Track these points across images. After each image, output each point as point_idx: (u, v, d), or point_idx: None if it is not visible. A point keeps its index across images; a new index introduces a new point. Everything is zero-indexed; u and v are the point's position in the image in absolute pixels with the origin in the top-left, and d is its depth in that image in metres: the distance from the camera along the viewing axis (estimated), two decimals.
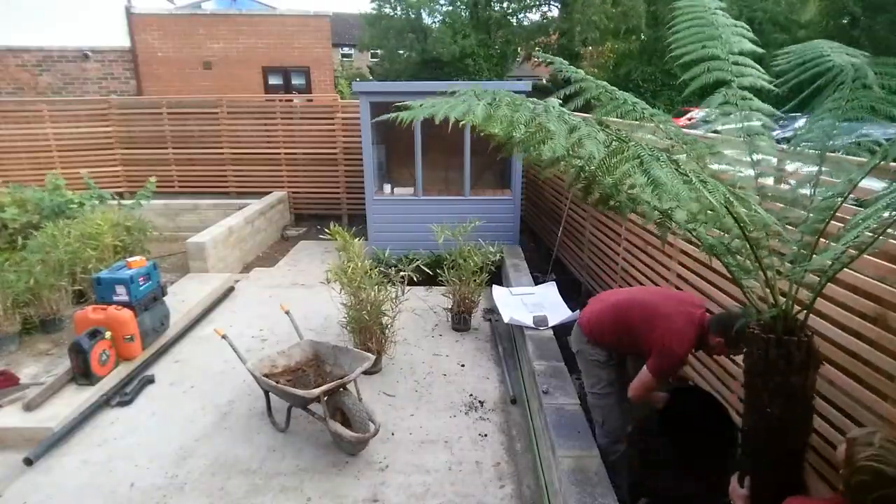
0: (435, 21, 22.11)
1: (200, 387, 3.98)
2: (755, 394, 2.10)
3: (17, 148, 8.48)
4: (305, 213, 8.87)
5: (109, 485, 3.01)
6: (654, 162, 1.70)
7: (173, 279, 5.92)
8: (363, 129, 6.13)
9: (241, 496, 2.92)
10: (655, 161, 1.71)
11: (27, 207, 5.80)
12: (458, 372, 4.18)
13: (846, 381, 2.28)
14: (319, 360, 3.61)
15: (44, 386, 3.65)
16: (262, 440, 3.37)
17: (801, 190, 2.31)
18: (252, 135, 8.60)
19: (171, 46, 11.53)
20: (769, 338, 2.01)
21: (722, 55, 2.36)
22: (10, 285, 4.50)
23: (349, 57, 35.57)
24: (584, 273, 5.52)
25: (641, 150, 1.78)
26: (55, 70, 11.12)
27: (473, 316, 4.96)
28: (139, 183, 7.87)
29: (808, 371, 2.01)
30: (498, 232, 5.90)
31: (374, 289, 4.02)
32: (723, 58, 2.36)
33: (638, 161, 1.74)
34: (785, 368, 1.98)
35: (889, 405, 2.07)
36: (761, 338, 2.03)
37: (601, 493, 2.44)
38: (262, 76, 12.02)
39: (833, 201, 2.02)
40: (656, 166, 1.68)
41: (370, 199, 6.36)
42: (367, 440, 3.15)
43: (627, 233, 4.46)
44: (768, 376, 2.02)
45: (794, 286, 2.03)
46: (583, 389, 3.72)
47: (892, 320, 2.08)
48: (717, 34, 2.40)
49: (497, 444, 3.34)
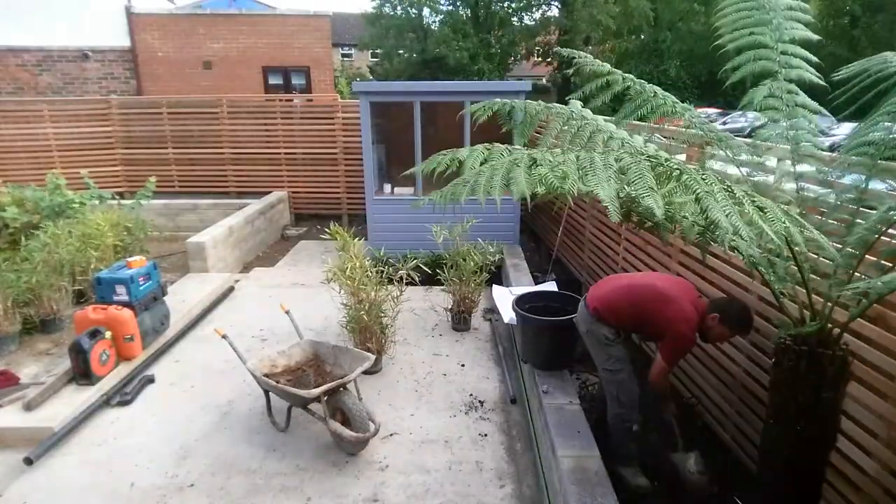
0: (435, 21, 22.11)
1: (200, 387, 3.98)
2: (781, 407, 2.04)
3: (17, 148, 8.49)
4: (305, 212, 8.87)
5: (109, 485, 3.01)
6: (710, 199, 1.57)
7: (173, 279, 5.92)
8: (363, 128, 6.13)
9: (241, 496, 2.92)
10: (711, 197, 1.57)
11: (27, 207, 5.81)
12: (458, 372, 4.18)
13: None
14: (319, 360, 3.61)
15: (44, 386, 3.65)
16: (262, 440, 3.37)
17: (846, 195, 2.16)
18: (252, 135, 8.60)
19: (171, 46, 11.52)
20: (802, 350, 1.93)
21: (770, 43, 2.14)
22: (10, 285, 4.50)
23: (349, 57, 35.59)
24: (584, 273, 5.52)
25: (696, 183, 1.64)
26: (55, 70, 11.11)
27: (473, 316, 4.95)
28: (139, 183, 7.87)
29: (840, 387, 1.94)
30: (498, 232, 5.89)
31: (374, 289, 4.02)
32: (771, 46, 2.15)
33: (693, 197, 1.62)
34: (816, 382, 1.90)
35: None
36: (793, 349, 1.95)
37: (601, 493, 2.44)
38: (263, 76, 12.01)
39: (887, 215, 1.89)
40: (713, 204, 1.55)
41: (370, 199, 6.36)
42: (367, 440, 3.15)
43: (627, 232, 4.46)
44: (797, 389, 1.95)
45: (828, 301, 1.94)
46: (583, 389, 3.73)
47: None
48: (767, 19, 2.17)
49: (497, 444, 3.34)
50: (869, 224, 1.99)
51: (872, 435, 2.15)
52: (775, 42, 2.15)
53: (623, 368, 2.97)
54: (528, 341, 3.68)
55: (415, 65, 21.49)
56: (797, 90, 2.18)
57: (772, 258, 2.16)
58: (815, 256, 2.22)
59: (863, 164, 2.11)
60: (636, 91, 2.27)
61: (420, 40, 21.41)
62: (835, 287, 1.94)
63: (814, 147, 2.24)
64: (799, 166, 2.29)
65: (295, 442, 3.35)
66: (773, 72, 2.15)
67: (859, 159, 2.12)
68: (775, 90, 2.16)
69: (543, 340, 3.56)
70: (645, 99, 2.26)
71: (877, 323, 2.14)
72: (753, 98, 2.21)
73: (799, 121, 2.19)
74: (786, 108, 2.18)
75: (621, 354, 2.98)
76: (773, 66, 2.15)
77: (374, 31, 22.80)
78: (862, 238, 1.99)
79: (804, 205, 2.31)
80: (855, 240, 2.01)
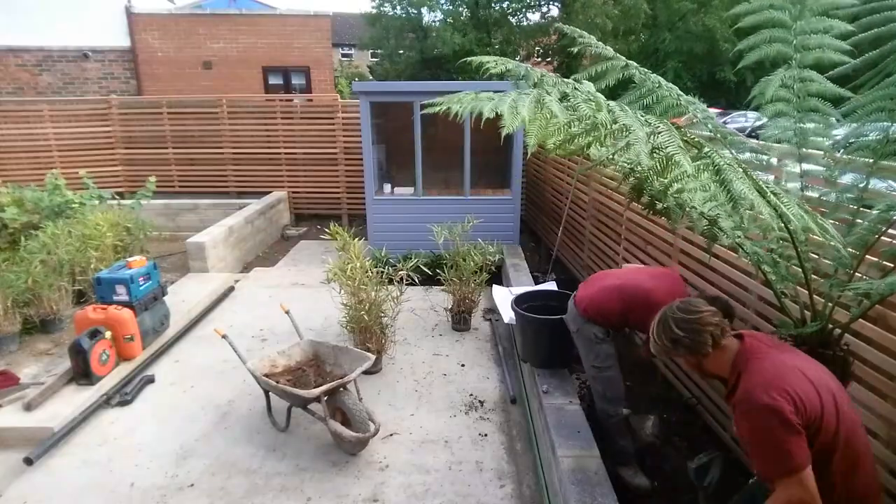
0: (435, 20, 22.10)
1: (200, 387, 3.98)
2: None
3: (18, 148, 8.49)
4: (305, 212, 8.87)
5: (109, 485, 3.01)
6: (733, 173, 1.50)
7: (173, 279, 5.92)
8: (363, 128, 6.13)
9: (241, 496, 2.92)
10: (734, 172, 1.50)
11: (26, 207, 5.81)
12: (458, 372, 4.18)
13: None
14: (319, 360, 3.61)
15: (44, 386, 3.65)
16: (262, 440, 3.37)
17: (847, 194, 2.09)
18: (252, 134, 8.60)
19: (171, 46, 11.51)
20: (803, 350, 1.90)
21: (788, 21, 1.91)
22: (10, 285, 4.50)
23: (349, 57, 35.59)
24: (584, 273, 5.52)
25: (719, 157, 1.56)
26: (55, 70, 11.11)
27: (473, 316, 4.95)
28: (139, 183, 7.88)
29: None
30: (498, 232, 5.89)
31: (374, 289, 4.02)
32: (789, 24, 1.91)
33: (715, 170, 1.52)
34: None
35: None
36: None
37: (601, 493, 2.44)
38: (263, 76, 12.00)
39: (887, 215, 1.85)
40: (735, 178, 1.48)
41: (370, 199, 6.35)
42: (367, 440, 3.15)
43: (627, 232, 4.46)
44: None
45: (828, 302, 1.90)
46: (583, 389, 3.73)
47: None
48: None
49: (497, 444, 3.34)
50: (868, 224, 1.97)
51: (873, 435, 2.15)
52: (794, 19, 1.91)
53: (612, 366, 2.99)
54: (526, 340, 3.68)
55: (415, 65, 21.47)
56: (812, 76, 1.96)
57: (776, 256, 2.14)
58: (816, 257, 2.21)
59: (862, 165, 2.08)
60: (640, 80, 2.15)
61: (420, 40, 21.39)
62: (836, 287, 1.92)
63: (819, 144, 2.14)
64: (804, 165, 2.25)
65: (295, 442, 3.35)
66: (788, 57, 1.94)
67: (858, 159, 2.07)
68: (787, 80, 1.97)
69: (542, 339, 3.56)
70: (649, 89, 2.15)
71: (877, 323, 2.14)
72: (764, 91, 2.04)
73: (807, 115, 2.03)
74: (796, 99, 2.00)
75: (610, 352, 3.00)
76: (788, 51, 1.93)
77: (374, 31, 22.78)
78: (862, 238, 1.98)
79: (807, 205, 2.29)
80: (854, 239, 1.99)
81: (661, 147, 1.55)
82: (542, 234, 7.26)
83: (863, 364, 2.19)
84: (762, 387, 1.62)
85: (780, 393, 1.59)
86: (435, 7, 21.78)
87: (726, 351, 1.83)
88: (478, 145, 6.10)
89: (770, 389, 1.60)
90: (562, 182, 6.32)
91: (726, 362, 1.83)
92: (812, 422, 1.59)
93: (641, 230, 4.17)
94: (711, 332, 1.80)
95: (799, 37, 1.92)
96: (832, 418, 1.61)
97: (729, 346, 1.84)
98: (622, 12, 20.64)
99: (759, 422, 1.61)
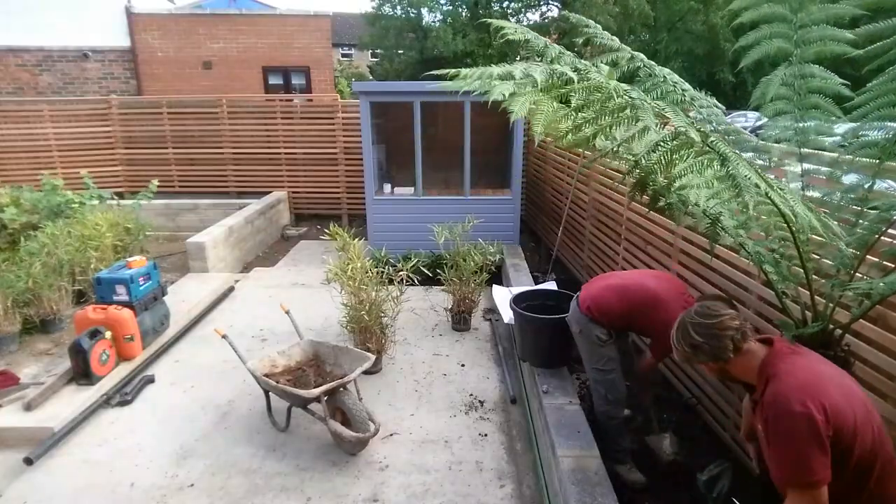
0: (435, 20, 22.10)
1: (200, 387, 3.98)
2: None
3: (18, 148, 8.49)
4: (305, 212, 8.87)
5: (109, 485, 3.00)
6: (740, 161, 1.47)
7: (173, 279, 5.92)
8: (363, 128, 6.13)
9: (241, 496, 2.92)
10: (739, 159, 1.47)
11: (25, 207, 5.81)
12: (458, 372, 4.18)
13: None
14: (319, 360, 3.61)
15: (44, 386, 3.65)
16: (262, 440, 3.37)
17: (850, 195, 2.08)
18: (252, 135, 8.60)
19: (171, 46, 11.52)
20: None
21: (788, 14, 1.84)
22: (10, 285, 4.50)
23: (349, 57, 35.60)
24: (584, 273, 5.52)
25: (724, 146, 1.52)
26: (55, 70, 11.11)
27: (473, 316, 4.95)
28: (139, 183, 7.89)
29: None
30: (498, 232, 5.89)
31: (374, 289, 4.02)
32: (789, 18, 1.83)
33: (720, 159, 1.47)
34: None
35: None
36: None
37: (601, 493, 2.43)
38: (263, 76, 12.00)
39: (888, 215, 1.83)
40: (742, 165, 1.45)
41: (370, 199, 6.35)
42: (367, 440, 3.15)
43: (627, 232, 4.46)
44: None
45: (829, 302, 1.89)
46: (583, 389, 3.73)
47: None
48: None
49: (497, 444, 3.34)
50: (868, 224, 1.96)
51: None
52: (794, 13, 1.84)
53: (614, 368, 2.99)
54: (526, 340, 3.69)
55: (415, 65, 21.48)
56: (814, 71, 1.90)
57: (777, 256, 2.13)
58: (818, 257, 2.21)
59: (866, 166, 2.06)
60: (645, 73, 2.09)
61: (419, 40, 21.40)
62: (836, 287, 1.91)
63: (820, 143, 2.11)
64: (804, 164, 2.22)
65: (295, 442, 3.35)
66: (789, 53, 1.87)
67: (862, 159, 2.05)
68: (787, 78, 1.90)
69: (542, 339, 3.56)
70: (654, 83, 2.09)
71: (877, 323, 2.14)
72: (766, 92, 1.97)
73: (808, 112, 1.99)
74: (797, 97, 1.93)
75: (613, 354, 2.99)
76: (789, 47, 1.85)
77: (374, 31, 22.79)
78: (862, 238, 1.97)
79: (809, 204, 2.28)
80: (854, 239, 1.98)
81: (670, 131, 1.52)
82: (542, 234, 7.26)
83: (863, 364, 2.19)
84: (797, 392, 1.58)
85: (814, 403, 1.54)
86: (435, 8, 21.78)
87: (751, 356, 1.74)
88: (478, 145, 6.10)
89: (805, 397, 1.56)
90: (562, 182, 6.32)
91: (752, 368, 1.74)
92: (843, 433, 1.55)
93: (641, 230, 4.17)
94: (732, 337, 1.72)
95: (800, 31, 1.86)
96: (867, 427, 1.57)
97: (753, 350, 1.75)
98: (623, 12, 20.64)
99: (788, 427, 1.56)
